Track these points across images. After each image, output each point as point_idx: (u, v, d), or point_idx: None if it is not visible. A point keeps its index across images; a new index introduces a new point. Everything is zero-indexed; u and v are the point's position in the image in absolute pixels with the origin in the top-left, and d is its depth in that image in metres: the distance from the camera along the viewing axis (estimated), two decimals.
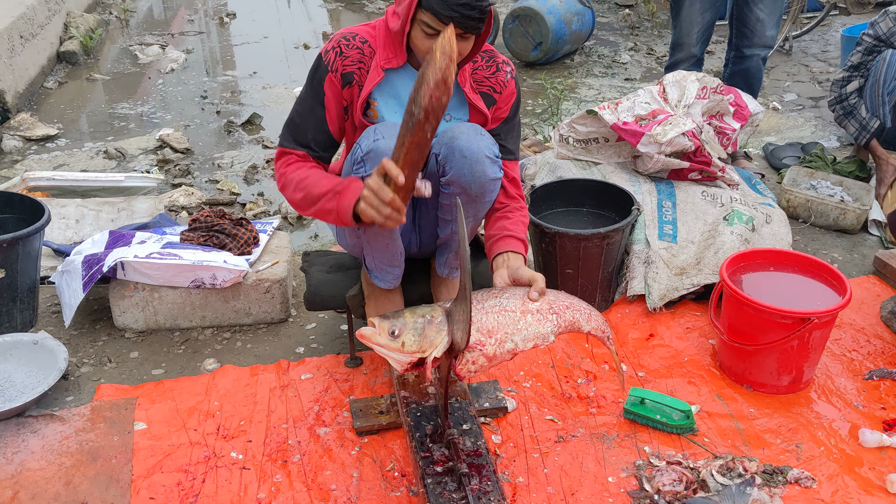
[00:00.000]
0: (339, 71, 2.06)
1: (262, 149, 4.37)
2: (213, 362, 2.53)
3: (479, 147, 2.02)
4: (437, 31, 1.89)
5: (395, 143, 1.86)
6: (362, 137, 2.03)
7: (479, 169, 2.03)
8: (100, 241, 2.71)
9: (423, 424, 2.06)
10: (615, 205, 2.82)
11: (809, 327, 2.23)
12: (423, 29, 1.92)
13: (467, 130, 2.04)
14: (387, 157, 1.85)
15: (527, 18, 5.52)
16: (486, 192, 2.08)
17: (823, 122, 4.64)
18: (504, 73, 2.16)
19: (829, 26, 6.53)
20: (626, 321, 2.70)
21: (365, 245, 2.20)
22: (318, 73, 2.09)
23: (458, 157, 2.02)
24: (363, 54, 2.06)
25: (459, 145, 2.02)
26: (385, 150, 1.95)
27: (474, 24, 1.88)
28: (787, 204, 3.35)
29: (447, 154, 2.04)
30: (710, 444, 2.18)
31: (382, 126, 2.03)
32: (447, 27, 1.78)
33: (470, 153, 2.01)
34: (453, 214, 2.15)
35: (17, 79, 4.81)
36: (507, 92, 2.17)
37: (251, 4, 7.77)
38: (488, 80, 2.14)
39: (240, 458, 2.13)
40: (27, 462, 2.11)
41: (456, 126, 2.07)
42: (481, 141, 2.03)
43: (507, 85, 2.16)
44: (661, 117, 2.95)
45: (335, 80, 2.07)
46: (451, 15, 1.85)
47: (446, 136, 2.06)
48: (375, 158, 1.97)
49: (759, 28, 3.62)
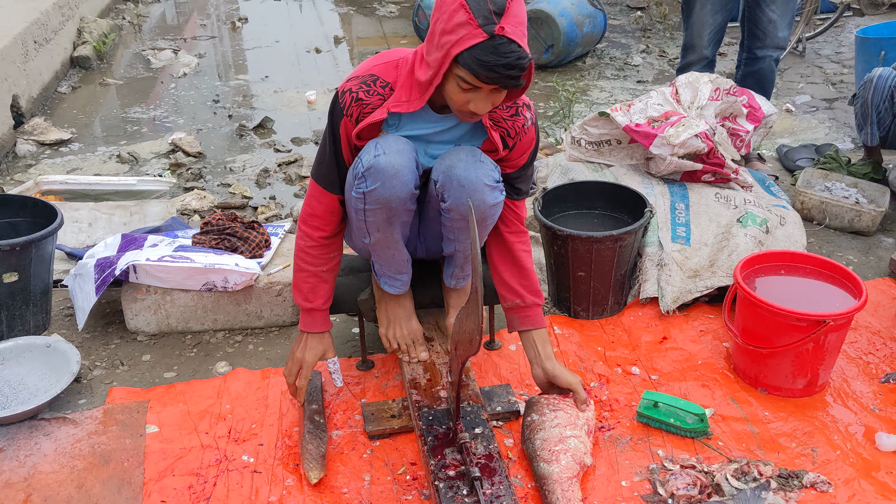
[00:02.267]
0: (354, 118, 1.99)
1: (273, 152, 4.38)
2: (225, 365, 2.53)
3: (477, 176, 1.97)
4: (474, 87, 1.80)
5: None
6: (364, 151, 1.98)
7: (479, 198, 1.98)
8: (112, 245, 2.72)
9: (435, 428, 2.05)
10: (628, 207, 2.81)
11: (825, 330, 2.20)
12: (459, 84, 1.82)
13: (465, 158, 1.99)
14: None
15: (538, 21, 5.51)
16: (487, 217, 2.06)
17: (837, 123, 4.61)
18: (523, 119, 2.05)
19: (842, 27, 6.48)
20: (638, 324, 2.69)
21: (372, 253, 2.20)
22: (335, 114, 2.03)
23: (455, 187, 1.98)
24: (384, 99, 1.97)
25: (457, 174, 1.97)
26: (386, 167, 1.93)
27: (514, 83, 1.79)
28: (802, 206, 3.32)
29: (445, 182, 2.00)
30: (725, 448, 2.16)
31: (384, 141, 1.97)
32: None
33: (468, 182, 1.97)
34: (456, 234, 2.14)
35: (30, 84, 4.84)
36: (526, 139, 2.08)
37: (263, 9, 7.80)
38: (505, 121, 2.04)
39: (251, 462, 2.13)
40: (39, 465, 2.12)
41: (454, 152, 2.01)
42: (480, 169, 1.98)
43: (526, 132, 2.07)
44: (674, 119, 2.93)
45: (349, 125, 2.01)
46: (491, 76, 1.76)
47: (444, 164, 2.00)
48: (376, 175, 1.95)
49: (772, 29, 3.59)
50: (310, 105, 5.14)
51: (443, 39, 1.79)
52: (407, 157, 1.97)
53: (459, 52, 1.75)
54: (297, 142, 4.52)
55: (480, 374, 2.45)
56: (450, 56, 1.77)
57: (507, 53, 1.73)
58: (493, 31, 1.72)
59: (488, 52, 1.73)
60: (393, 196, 1.97)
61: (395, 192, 1.96)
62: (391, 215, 2.02)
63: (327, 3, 8.01)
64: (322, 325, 2.22)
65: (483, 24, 1.72)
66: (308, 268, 2.17)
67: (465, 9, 1.73)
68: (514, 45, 1.74)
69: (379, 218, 2.02)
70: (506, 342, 2.60)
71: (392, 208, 2.00)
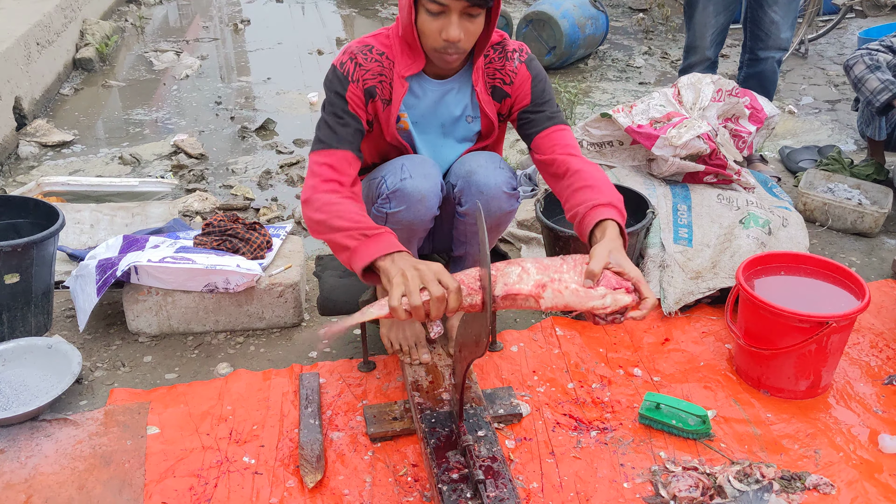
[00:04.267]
0: (361, 83, 1.96)
1: (275, 154, 4.38)
2: (227, 367, 2.53)
3: (496, 183, 2.00)
4: (442, 6, 1.78)
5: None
6: (388, 171, 1.98)
7: (496, 205, 2.02)
8: (114, 246, 2.72)
9: (438, 431, 2.05)
10: (630, 208, 2.76)
11: (828, 331, 2.20)
12: (428, 6, 1.81)
13: (485, 164, 2.01)
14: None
15: (540, 23, 5.51)
16: (501, 223, 2.09)
17: (840, 125, 4.60)
18: (512, 62, 2.05)
19: (845, 29, 6.48)
20: (641, 325, 2.68)
21: None
22: (337, 84, 1.97)
23: (475, 193, 2.00)
24: (382, 66, 1.98)
25: (477, 181, 1.99)
26: (412, 192, 1.93)
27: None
28: (804, 207, 3.31)
29: (464, 187, 2.02)
30: (727, 450, 2.16)
31: (410, 162, 1.98)
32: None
33: (487, 189, 1.99)
34: (468, 237, 2.15)
35: (33, 85, 4.84)
36: (520, 79, 2.06)
37: (265, 11, 7.81)
38: (499, 72, 2.06)
39: (252, 463, 2.12)
40: (41, 466, 2.11)
41: (474, 157, 2.03)
42: (499, 176, 2.01)
43: (517, 72, 2.05)
44: (676, 120, 2.93)
45: (358, 92, 1.97)
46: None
47: (464, 169, 2.03)
48: (401, 198, 1.95)
49: (774, 30, 3.58)
50: (312, 107, 5.14)
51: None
52: (433, 181, 1.98)
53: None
54: (299, 143, 4.52)
55: (482, 375, 2.45)
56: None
57: None
58: None
59: None
60: (416, 219, 1.99)
61: (419, 215, 1.99)
62: (411, 235, 2.05)
63: (329, 5, 8.02)
64: (398, 245, 1.77)
65: None
66: (350, 209, 1.82)
67: None
68: None
69: (399, 236, 2.02)
70: (507, 343, 2.60)
71: (413, 230, 2.03)
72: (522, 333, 2.66)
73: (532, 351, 2.57)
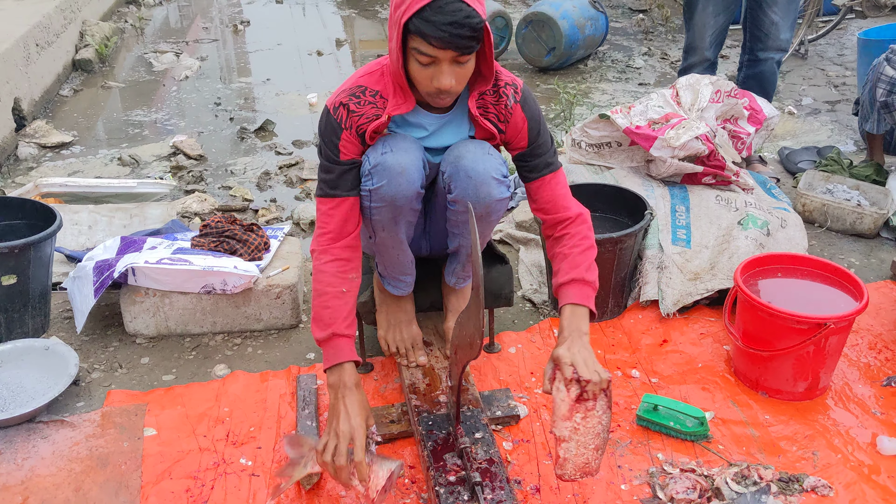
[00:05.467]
0: (354, 130, 1.95)
1: (275, 155, 4.38)
2: (224, 368, 2.52)
3: (484, 168, 1.97)
4: (431, 58, 1.76)
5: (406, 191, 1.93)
6: (371, 149, 1.97)
7: (485, 190, 1.98)
8: (111, 247, 2.72)
9: (435, 433, 2.04)
10: (628, 209, 2.80)
11: (826, 333, 2.19)
12: (417, 58, 1.79)
13: (474, 150, 1.99)
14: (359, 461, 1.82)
15: (540, 24, 5.51)
16: (492, 211, 2.05)
17: (840, 126, 4.60)
18: (505, 99, 2.00)
19: (845, 30, 6.48)
20: (639, 327, 2.68)
21: (377, 254, 2.18)
22: (330, 130, 1.97)
23: (463, 178, 1.98)
24: (377, 107, 1.94)
25: (465, 165, 1.97)
26: (393, 165, 1.92)
27: (467, 44, 1.73)
28: (803, 208, 3.31)
29: (452, 173, 1.99)
30: (725, 452, 2.15)
31: (392, 139, 1.96)
32: None
33: (475, 174, 1.97)
34: (461, 228, 2.13)
35: (32, 86, 4.84)
36: (515, 117, 2.02)
37: (265, 12, 7.82)
38: (493, 106, 2.01)
39: (249, 465, 2.12)
40: (37, 468, 2.11)
41: (463, 144, 2.01)
42: (488, 161, 1.98)
43: (511, 112, 2.01)
44: (675, 121, 2.92)
45: (351, 138, 1.96)
46: (440, 37, 1.71)
47: (452, 155, 2.00)
48: (382, 172, 1.93)
49: (774, 31, 3.58)
50: (311, 108, 5.14)
51: (395, 14, 1.78)
52: (414, 155, 1.96)
53: (409, 18, 1.73)
54: (299, 144, 4.52)
55: (480, 377, 2.44)
56: (401, 25, 1.75)
57: (454, 11, 1.70)
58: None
59: (434, 13, 1.70)
60: (399, 194, 1.96)
61: (401, 190, 1.95)
62: (396, 214, 2.01)
63: (329, 6, 8.02)
64: (348, 353, 1.93)
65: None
66: (327, 289, 1.97)
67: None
68: (461, 3, 1.71)
69: (384, 216, 2.01)
70: (505, 345, 2.59)
71: (398, 207, 1.99)
72: (520, 335, 2.65)
73: (530, 352, 2.56)
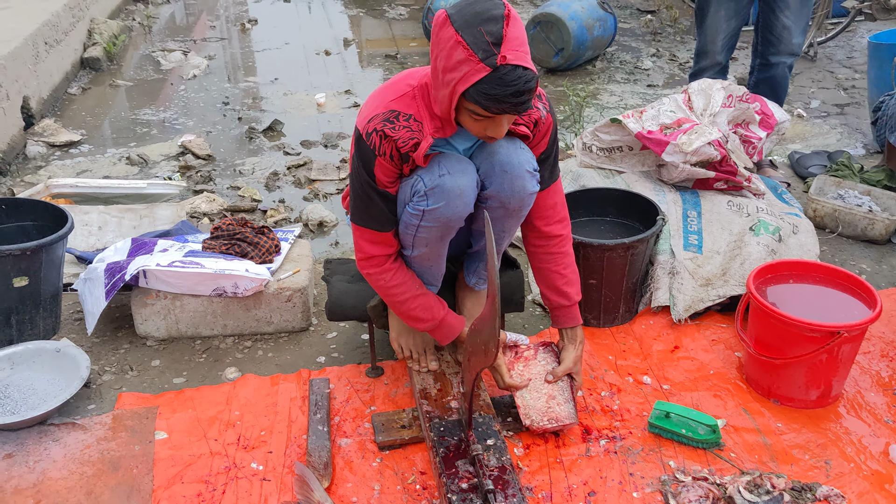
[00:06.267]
0: (388, 154, 1.95)
1: (283, 155, 4.38)
2: (235, 371, 2.52)
3: (519, 161, 1.98)
4: (485, 117, 1.80)
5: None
6: (426, 170, 1.95)
7: (520, 184, 1.99)
8: (122, 249, 2.72)
9: (447, 440, 2.04)
10: (639, 214, 2.79)
11: (839, 341, 2.18)
12: (472, 116, 1.82)
13: (507, 144, 2.00)
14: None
15: (548, 24, 5.49)
16: (525, 206, 2.07)
17: (849, 129, 4.58)
18: (537, 112, 2.04)
19: (854, 32, 6.45)
20: (650, 333, 2.67)
21: (411, 263, 2.18)
22: (364, 156, 1.97)
23: (498, 172, 1.99)
24: (412, 130, 1.94)
25: (500, 160, 1.98)
26: (451, 188, 1.92)
27: (525, 106, 1.78)
28: (814, 213, 3.30)
29: (488, 169, 2.00)
30: (737, 460, 2.15)
31: (447, 160, 1.95)
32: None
33: (510, 167, 1.98)
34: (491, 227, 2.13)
35: (41, 85, 4.84)
36: (543, 128, 2.07)
37: (273, 11, 7.80)
38: (521, 117, 2.03)
39: (260, 469, 2.12)
40: (49, 471, 2.11)
41: (495, 141, 2.02)
42: (521, 155, 2.00)
43: (543, 122, 2.06)
44: (687, 126, 2.91)
45: (384, 163, 1.96)
46: (501, 107, 1.75)
47: (486, 150, 2.01)
48: (440, 194, 1.94)
49: (786, 35, 3.56)
50: (319, 108, 5.13)
51: (446, 77, 1.78)
52: (470, 177, 1.97)
53: (465, 89, 1.74)
54: (307, 144, 4.51)
55: (491, 382, 2.44)
56: (456, 93, 1.77)
57: (514, 81, 1.71)
58: (496, 63, 1.70)
59: (494, 85, 1.71)
60: (454, 215, 1.98)
61: (456, 211, 1.98)
62: (445, 233, 2.03)
63: (337, 5, 8.01)
64: (457, 325, 2.23)
65: (484, 57, 1.70)
66: (406, 295, 2.16)
67: (463, 45, 1.71)
68: (519, 69, 1.72)
69: (433, 235, 2.03)
70: None
71: (450, 227, 2.02)
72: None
73: None
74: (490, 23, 1.70)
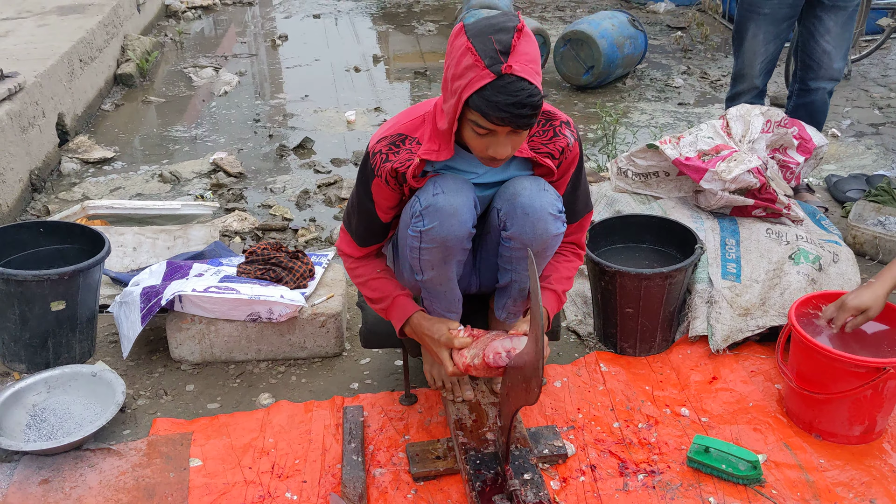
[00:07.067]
0: (385, 175, 1.97)
1: (313, 173, 4.39)
2: (269, 397, 2.52)
3: (541, 204, 1.96)
4: (489, 130, 1.78)
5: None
6: (422, 190, 1.96)
7: (542, 227, 1.97)
8: (157, 273, 2.72)
9: (483, 473, 2.01)
10: (676, 241, 2.76)
11: (885, 377, 2.14)
12: (475, 129, 1.80)
13: (529, 186, 1.97)
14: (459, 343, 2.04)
15: (578, 42, 5.48)
16: (548, 248, 2.04)
17: (885, 149, 4.52)
18: (564, 140, 2.01)
19: (889, 50, 6.38)
20: (687, 363, 2.63)
21: (423, 290, 2.17)
22: (367, 172, 2.01)
23: (519, 215, 1.96)
24: (412, 153, 1.95)
25: (522, 202, 1.95)
26: (444, 206, 1.91)
27: (527, 122, 1.75)
28: (854, 240, 3.24)
29: (508, 211, 1.98)
30: (779, 497, 2.10)
31: (443, 180, 1.95)
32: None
33: (532, 210, 1.95)
34: (514, 264, 2.11)
35: (75, 102, 4.90)
36: (570, 158, 2.04)
37: (302, 27, 7.85)
38: (546, 146, 2.01)
39: (294, 500, 2.11)
40: (85, 497, 2.11)
41: (518, 181, 1.99)
42: (544, 198, 1.97)
43: (570, 150, 2.02)
44: (725, 153, 2.88)
45: (381, 185, 1.99)
46: (501, 117, 1.72)
47: (508, 192, 1.99)
48: (434, 214, 1.92)
49: (826, 60, 3.49)
50: (349, 125, 5.15)
51: (454, 85, 1.78)
52: (465, 196, 1.95)
53: (469, 94, 1.73)
54: (337, 163, 4.52)
55: (525, 411, 2.41)
56: (461, 100, 1.76)
57: (516, 92, 1.70)
58: (501, 71, 1.69)
59: (497, 92, 1.70)
60: (450, 235, 1.95)
61: (452, 231, 1.94)
62: (447, 254, 2.00)
63: (366, 21, 8.05)
64: (411, 306, 2.15)
65: (489, 64, 1.70)
66: (365, 277, 2.19)
67: (472, 51, 1.72)
68: (524, 82, 1.71)
69: (435, 256, 2.00)
70: (550, 378, 2.56)
71: (449, 247, 1.98)
72: (566, 368, 2.62)
73: (576, 386, 2.53)
74: (501, 33, 1.72)
